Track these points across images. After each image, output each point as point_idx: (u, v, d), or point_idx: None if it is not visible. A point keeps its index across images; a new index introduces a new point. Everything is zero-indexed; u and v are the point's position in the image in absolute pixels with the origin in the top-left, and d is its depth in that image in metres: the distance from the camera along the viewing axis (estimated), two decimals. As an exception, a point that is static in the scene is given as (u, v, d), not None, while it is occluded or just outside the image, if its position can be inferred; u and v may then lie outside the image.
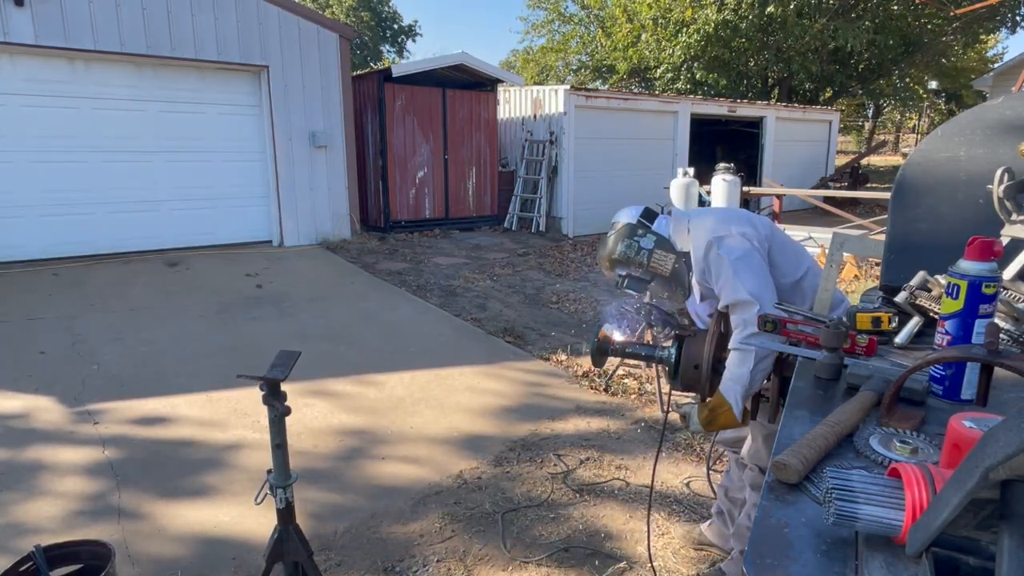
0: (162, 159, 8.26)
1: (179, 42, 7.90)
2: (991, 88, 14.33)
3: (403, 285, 7.25)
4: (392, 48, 35.68)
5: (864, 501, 0.74)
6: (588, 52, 25.72)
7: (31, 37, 7.00)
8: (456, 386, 4.47)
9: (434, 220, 10.95)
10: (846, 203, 13.61)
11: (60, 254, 7.64)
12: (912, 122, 41.48)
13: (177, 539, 2.73)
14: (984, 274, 1.17)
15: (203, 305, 6.18)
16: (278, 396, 1.82)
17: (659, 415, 4.06)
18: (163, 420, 3.83)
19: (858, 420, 1.09)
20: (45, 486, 3.08)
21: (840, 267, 2.02)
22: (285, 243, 9.11)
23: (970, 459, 0.62)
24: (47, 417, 3.80)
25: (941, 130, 1.89)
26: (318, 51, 9.04)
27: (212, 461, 3.39)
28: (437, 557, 2.65)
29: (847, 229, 8.36)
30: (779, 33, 18.31)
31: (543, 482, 3.25)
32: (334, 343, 5.27)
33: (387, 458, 3.47)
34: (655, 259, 2.13)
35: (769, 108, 15.48)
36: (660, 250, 2.13)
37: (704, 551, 2.71)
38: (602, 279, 8.08)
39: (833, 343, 1.36)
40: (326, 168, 9.37)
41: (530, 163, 11.54)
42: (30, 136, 7.37)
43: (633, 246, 2.14)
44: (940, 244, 1.78)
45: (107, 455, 3.39)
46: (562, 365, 4.92)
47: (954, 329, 1.21)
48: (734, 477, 2.56)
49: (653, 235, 2.16)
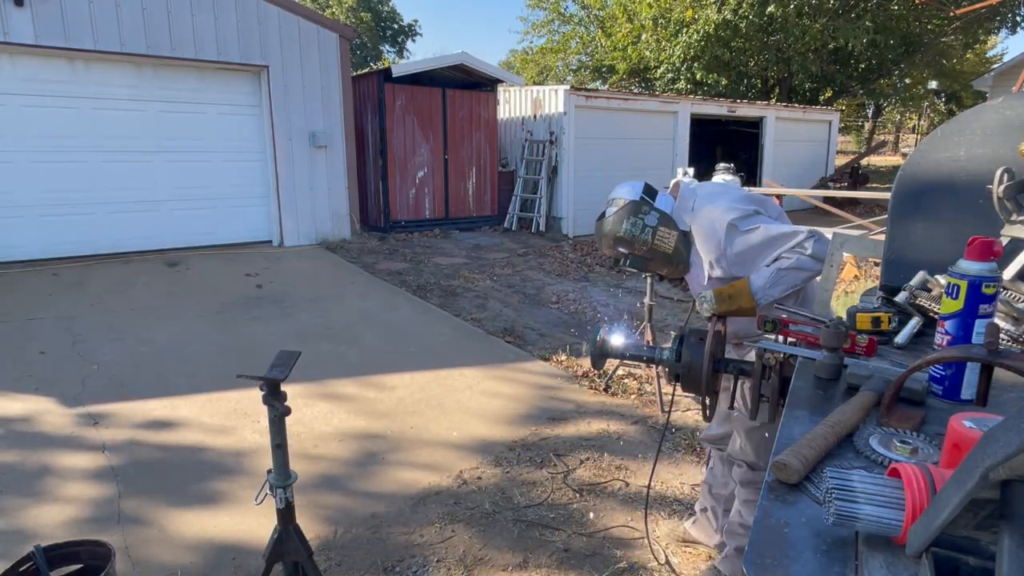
0: (162, 159, 8.26)
1: (179, 42, 7.90)
2: (991, 88, 14.33)
3: (403, 285, 7.25)
4: (392, 48, 35.67)
5: (864, 501, 0.74)
6: (588, 52, 25.71)
7: (31, 37, 7.00)
8: (456, 386, 4.47)
9: (434, 220, 10.95)
10: (846, 203, 13.62)
11: (60, 254, 7.64)
12: (912, 122, 41.49)
13: (176, 539, 2.73)
14: (984, 274, 1.17)
15: (203, 305, 6.18)
16: (278, 396, 1.82)
17: (659, 415, 4.06)
18: (163, 420, 3.82)
19: (858, 420, 1.09)
20: (44, 487, 3.08)
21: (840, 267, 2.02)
22: (285, 243, 9.11)
23: (970, 459, 0.62)
24: (47, 417, 3.80)
25: (941, 130, 1.89)
26: (318, 51, 9.04)
27: (212, 461, 3.39)
28: (437, 557, 2.65)
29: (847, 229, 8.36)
30: (779, 33, 18.32)
31: (543, 482, 3.25)
32: (334, 343, 5.27)
33: (386, 458, 3.47)
34: (659, 237, 2.08)
35: (769, 108, 15.48)
36: (664, 227, 2.09)
37: (694, 549, 2.71)
38: (602, 279, 8.08)
39: (833, 343, 1.36)
40: (326, 168, 9.37)
41: (530, 163, 11.54)
42: (30, 136, 7.37)
43: (638, 224, 2.08)
44: (940, 244, 1.78)
45: (107, 455, 3.38)
46: (562, 365, 4.92)
47: (954, 329, 1.21)
48: (717, 474, 2.57)
49: (656, 212, 2.11)
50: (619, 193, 2.18)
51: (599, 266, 8.83)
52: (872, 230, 8.26)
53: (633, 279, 7.80)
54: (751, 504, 2.32)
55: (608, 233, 2.13)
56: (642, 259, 2.13)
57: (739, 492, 2.34)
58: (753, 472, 2.30)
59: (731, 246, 2.05)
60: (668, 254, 2.11)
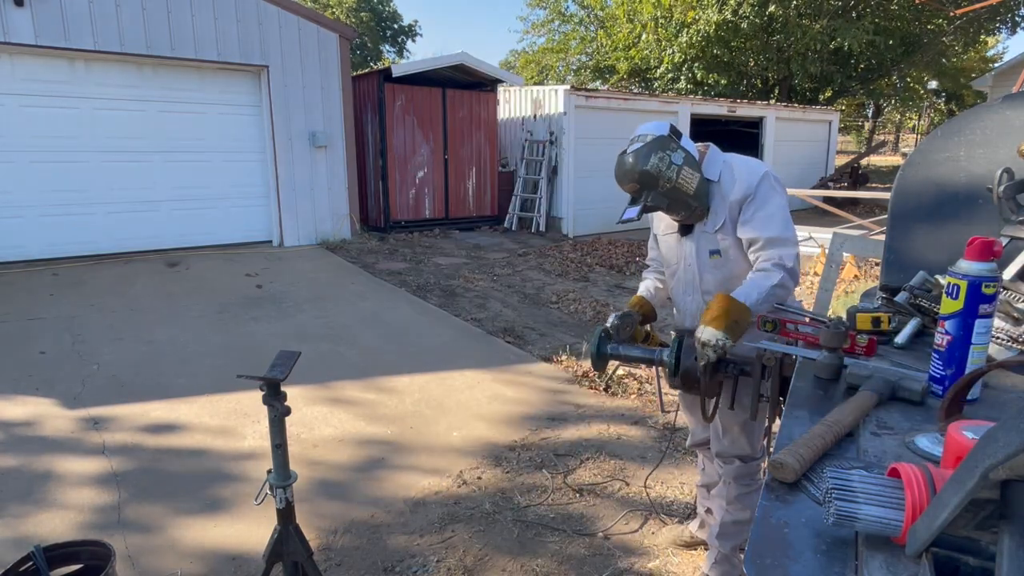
0: (162, 159, 8.26)
1: (179, 42, 7.90)
2: (991, 88, 14.33)
3: (403, 285, 7.25)
4: (392, 48, 35.67)
5: (864, 501, 0.74)
6: (588, 52, 25.72)
7: (31, 37, 7.00)
8: (455, 386, 4.47)
9: (434, 220, 10.95)
10: (846, 203, 13.62)
11: (60, 254, 7.64)
12: (912, 122, 41.48)
13: (176, 540, 2.73)
14: (984, 274, 1.17)
15: (203, 305, 6.18)
16: (278, 396, 1.82)
17: (659, 415, 4.05)
18: (163, 419, 3.82)
19: (856, 420, 1.09)
20: (43, 487, 3.08)
21: (840, 267, 2.02)
22: (285, 243, 9.11)
23: (970, 459, 0.62)
24: (47, 418, 3.80)
25: (941, 130, 1.89)
26: (318, 51, 9.04)
27: (212, 461, 3.39)
28: (437, 557, 2.65)
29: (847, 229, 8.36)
30: (779, 33, 18.32)
31: (543, 482, 3.24)
32: (334, 343, 5.27)
33: (386, 458, 3.47)
34: (683, 176, 2.05)
35: (769, 108, 15.48)
36: (688, 167, 2.06)
37: (696, 551, 2.71)
38: (602, 279, 8.08)
39: (833, 343, 1.36)
40: (326, 168, 9.37)
41: (530, 163, 11.54)
42: (30, 136, 7.37)
43: (666, 159, 2.03)
44: (940, 244, 1.78)
45: (106, 455, 3.38)
46: (562, 365, 4.92)
47: (954, 329, 1.21)
48: (711, 473, 2.58)
49: (683, 151, 2.08)
50: (646, 129, 2.13)
51: (599, 266, 8.83)
52: (872, 230, 8.26)
53: (633, 279, 7.79)
54: (745, 498, 2.32)
55: (631, 167, 2.06)
56: (663, 197, 2.07)
57: (730, 489, 2.33)
58: (746, 465, 2.30)
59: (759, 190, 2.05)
60: (689, 195, 2.08)
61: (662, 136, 2.07)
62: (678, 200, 2.09)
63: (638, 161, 2.04)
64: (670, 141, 2.07)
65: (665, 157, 2.03)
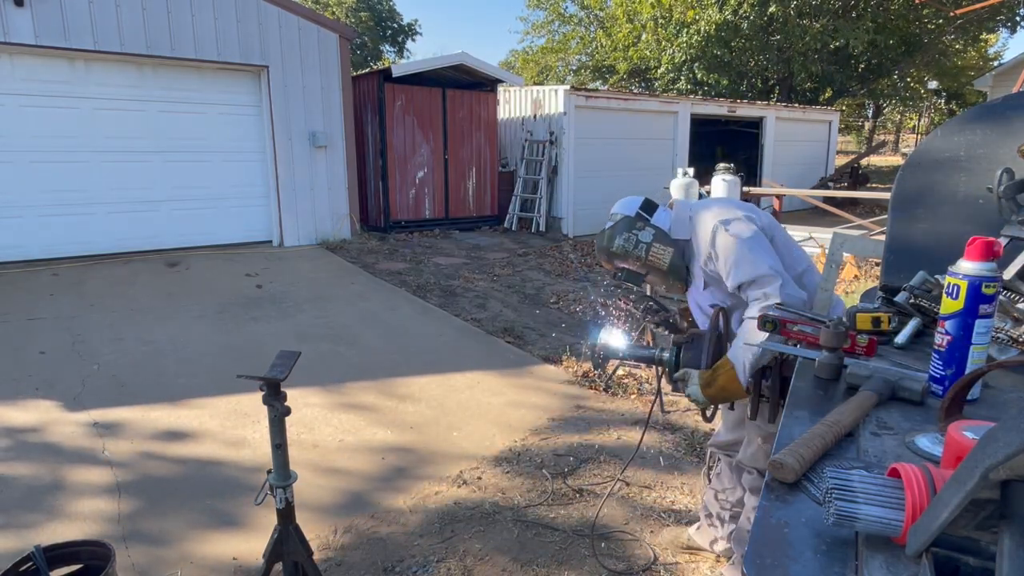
0: (162, 159, 8.26)
1: (179, 42, 7.90)
2: (991, 88, 14.33)
3: (403, 285, 7.25)
4: (392, 48, 35.64)
5: (864, 501, 0.74)
6: (588, 52, 25.72)
7: (31, 37, 7.00)
8: (455, 386, 4.47)
9: (434, 220, 10.95)
10: (846, 203, 13.62)
11: (60, 254, 7.64)
12: (912, 122, 41.48)
13: (175, 542, 2.73)
14: (984, 274, 1.17)
15: (203, 305, 6.18)
16: (278, 396, 1.82)
17: (660, 415, 4.05)
18: (162, 419, 3.82)
19: (856, 420, 1.09)
20: (43, 487, 3.08)
21: (840, 267, 2.02)
22: (285, 243, 9.11)
23: (970, 459, 0.62)
24: (46, 419, 3.80)
25: (941, 130, 1.89)
26: (318, 51, 9.04)
27: (212, 462, 3.39)
28: (437, 557, 2.65)
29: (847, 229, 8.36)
30: (780, 33, 18.32)
31: (542, 482, 3.24)
32: (334, 343, 5.27)
33: (386, 458, 3.47)
34: (653, 253, 2.13)
35: (769, 108, 15.48)
36: (658, 244, 2.13)
37: (696, 555, 2.70)
38: (602, 279, 8.08)
39: (833, 343, 1.36)
40: (326, 168, 9.37)
41: (530, 163, 11.54)
42: (30, 136, 7.37)
43: (631, 239, 2.13)
44: (940, 244, 1.78)
45: (106, 455, 3.38)
46: (562, 366, 4.92)
47: (954, 329, 1.20)
48: (725, 480, 2.54)
49: (652, 228, 2.15)
50: (617, 208, 2.25)
51: (599, 266, 8.83)
52: (872, 230, 8.26)
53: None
54: None
55: (603, 248, 2.21)
56: (636, 274, 2.19)
57: (748, 499, 2.32)
58: (762, 478, 2.29)
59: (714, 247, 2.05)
60: (663, 270, 2.16)
61: (628, 217, 2.18)
62: (654, 274, 2.18)
63: (606, 242, 2.18)
64: (637, 220, 2.17)
65: (631, 237, 2.14)
